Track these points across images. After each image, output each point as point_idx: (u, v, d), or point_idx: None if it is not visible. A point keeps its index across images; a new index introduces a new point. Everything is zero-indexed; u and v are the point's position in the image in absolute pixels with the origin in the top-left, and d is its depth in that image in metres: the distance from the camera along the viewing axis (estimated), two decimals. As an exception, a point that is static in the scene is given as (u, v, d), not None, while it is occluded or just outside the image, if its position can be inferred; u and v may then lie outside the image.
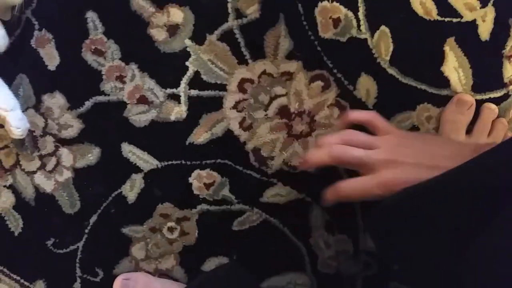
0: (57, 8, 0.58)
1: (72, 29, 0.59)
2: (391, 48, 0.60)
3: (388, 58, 0.60)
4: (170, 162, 0.61)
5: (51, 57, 0.59)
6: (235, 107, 0.60)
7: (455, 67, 0.59)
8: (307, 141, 0.60)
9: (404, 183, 0.45)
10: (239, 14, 0.59)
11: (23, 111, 0.58)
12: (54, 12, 0.59)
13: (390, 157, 0.48)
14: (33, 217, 0.61)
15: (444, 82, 0.60)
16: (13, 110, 0.56)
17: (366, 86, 0.60)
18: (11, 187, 0.60)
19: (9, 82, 0.58)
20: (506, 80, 0.59)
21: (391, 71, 0.60)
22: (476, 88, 0.59)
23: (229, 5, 0.59)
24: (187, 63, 0.59)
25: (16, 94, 0.58)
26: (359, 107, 0.60)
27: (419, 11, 0.59)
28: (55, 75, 0.59)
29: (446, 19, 0.57)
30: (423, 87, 0.60)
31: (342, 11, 0.59)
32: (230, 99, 0.60)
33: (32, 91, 0.59)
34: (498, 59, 0.59)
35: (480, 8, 0.58)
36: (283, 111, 0.60)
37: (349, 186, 0.51)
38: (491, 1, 0.57)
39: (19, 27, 0.58)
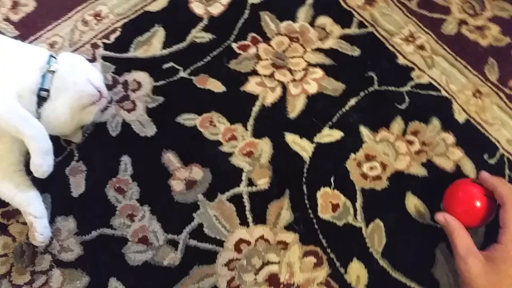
0: (99, 147, 0.68)
1: (105, 166, 0.67)
2: (384, 242, 0.63)
3: (380, 249, 0.62)
4: (150, 307, 0.60)
5: (77, 186, 0.66)
6: (227, 265, 0.61)
7: (445, 272, 0.61)
8: (291, 315, 0.59)
9: None
10: (250, 183, 0.66)
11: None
12: (95, 150, 0.68)
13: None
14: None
15: (434, 284, 0.61)
16: (41, 218, 0.61)
17: (357, 272, 0.61)
18: (-9, 296, 0.60)
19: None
20: None
21: (383, 263, 0.62)
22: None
23: (244, 174, 0.67)
24: (194, 215, 0.64)
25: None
26: (347, 292, 0.61)
27: (413, 213, 0.64)
28: (75, 202, 0.65)
29: (439, 225, 0.62)
30: (413, 285, 0.61)
31: (342, 199, 0.65)
32: (224, 256, 0.62)
33: (50, 210, 0.64)
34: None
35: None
36: (272, 280, 0.61)
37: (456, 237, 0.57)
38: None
39: (61, 155, 0.68)
